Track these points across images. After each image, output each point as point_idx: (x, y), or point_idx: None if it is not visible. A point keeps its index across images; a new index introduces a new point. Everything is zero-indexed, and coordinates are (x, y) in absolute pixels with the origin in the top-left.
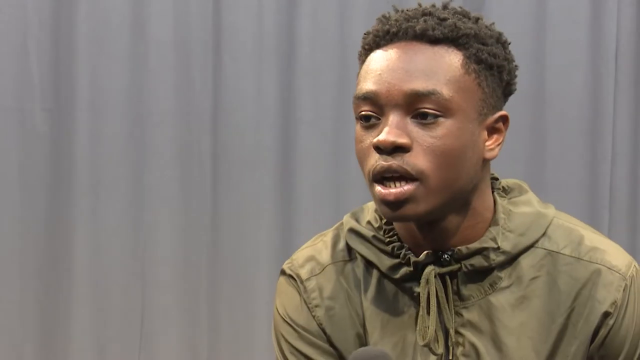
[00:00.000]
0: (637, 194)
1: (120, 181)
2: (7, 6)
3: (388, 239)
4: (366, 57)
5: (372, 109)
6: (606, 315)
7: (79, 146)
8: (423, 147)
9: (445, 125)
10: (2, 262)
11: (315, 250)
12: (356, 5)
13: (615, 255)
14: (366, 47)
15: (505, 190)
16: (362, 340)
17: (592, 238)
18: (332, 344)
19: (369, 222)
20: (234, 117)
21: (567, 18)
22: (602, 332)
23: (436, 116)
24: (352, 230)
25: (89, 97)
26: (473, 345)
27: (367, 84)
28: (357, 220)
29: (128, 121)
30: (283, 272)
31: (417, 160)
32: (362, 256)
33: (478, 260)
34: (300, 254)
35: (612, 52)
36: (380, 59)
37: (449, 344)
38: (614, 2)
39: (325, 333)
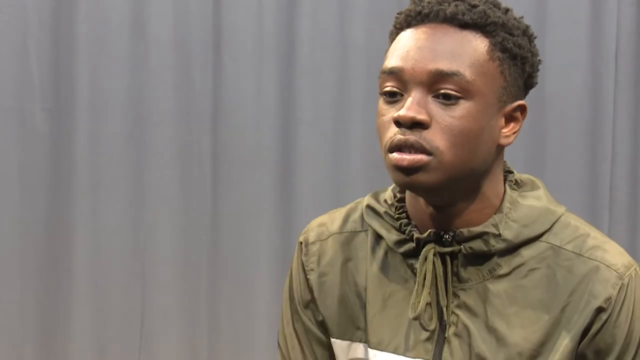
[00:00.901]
0: (637, 194)
1: (120, 181)
2: (7, 6)
3: (397, 215)
4: (396, 35)
5: (396, 84)
6: (600, 310)
7: (79, 146)
8: (441, 125)
9: (464, 107)
10: (2, 262)
11: (330, 218)
12: (356, 5)
13: (616, 255)
14: (397, 26)
15: (518, 184)
16: (353, 310)
17: (597, 238)
18: (317, 308)
19: (385, 201)
20: (234, 117)
21: (567, 18)
22: (595, 327)
23: (457, 97)
24: (368, 207)
25: (89, 97)
26: (465, 327)
27: (394, 60)
28: (376, 199)
29: (128, 121)
30: (299, 237)
31: (434, 137)
32: (374, 230)
33: (478, 244)
34: (316, 220)
35: (612, 52)
36: (409, 38)
37: (443, 322)
38: (614, 2)
39: (312, 296)
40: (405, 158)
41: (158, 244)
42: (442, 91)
